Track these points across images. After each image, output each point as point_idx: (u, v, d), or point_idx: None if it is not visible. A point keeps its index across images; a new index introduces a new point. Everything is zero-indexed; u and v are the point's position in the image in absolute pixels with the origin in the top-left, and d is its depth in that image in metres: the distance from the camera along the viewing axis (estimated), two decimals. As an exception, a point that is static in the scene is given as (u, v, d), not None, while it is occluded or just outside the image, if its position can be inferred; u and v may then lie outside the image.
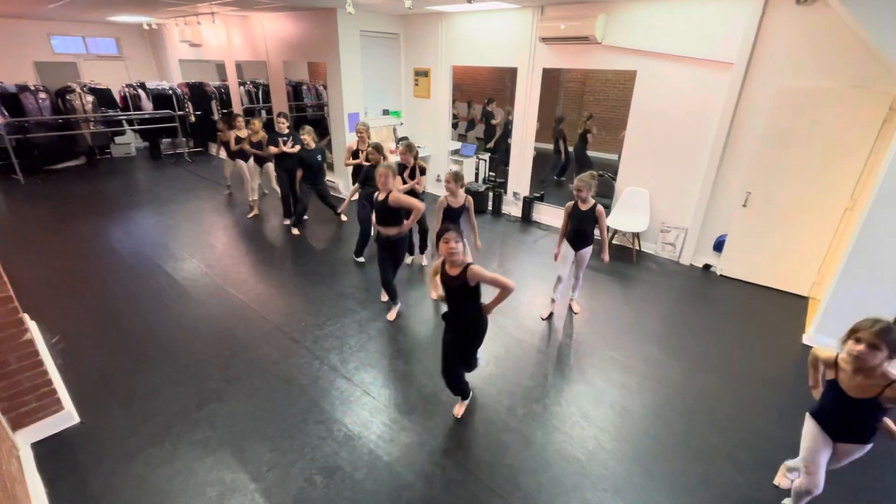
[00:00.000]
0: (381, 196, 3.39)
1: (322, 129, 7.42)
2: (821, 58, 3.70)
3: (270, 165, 5.89)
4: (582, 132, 6.68)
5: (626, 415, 2.80)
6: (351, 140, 5.83)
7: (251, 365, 3.17)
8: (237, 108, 9.14)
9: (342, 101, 6.31)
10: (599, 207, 3.42)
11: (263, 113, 9.29)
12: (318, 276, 4.48)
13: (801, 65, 3.80)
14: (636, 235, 4.97)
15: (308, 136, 5.12)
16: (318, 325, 3.62)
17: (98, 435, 2.57)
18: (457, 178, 3.45)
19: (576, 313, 3.88)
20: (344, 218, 5.92)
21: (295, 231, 5.53)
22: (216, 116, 9.82)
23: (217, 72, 10.08)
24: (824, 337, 3.45)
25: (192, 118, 9.60)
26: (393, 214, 3.43)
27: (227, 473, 2.35)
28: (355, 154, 5.00)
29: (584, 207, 3.43)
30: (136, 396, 2.86)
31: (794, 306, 4.04)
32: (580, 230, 3.47)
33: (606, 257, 3.64)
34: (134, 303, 3.91)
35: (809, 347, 3.48)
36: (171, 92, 9.31)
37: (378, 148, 4.41)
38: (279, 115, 5.40)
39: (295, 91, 8.86)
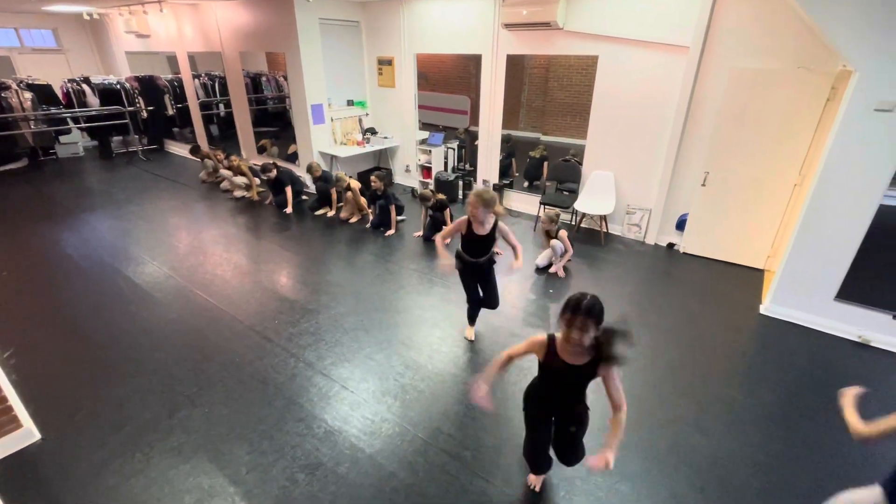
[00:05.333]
0: None
1: (284, 122, 7.18)
2: (769, 40, 3.87)
3: None
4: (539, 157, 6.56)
5: (599, 391, 2.88)
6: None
7: (224, 367, 3.09)
8: (192, 101, 8.73)
9: (304, 93, 6.13)
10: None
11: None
12: (288, 273, 4.40)
13: (752, 47, 3.96)
14: (603, 218, 5.10)
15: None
16: (292, 323, 3.56)
17: (63, 450, 2.45)
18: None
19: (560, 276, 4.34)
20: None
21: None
22: (170, 112, 9.38)
23: (169, 64, 9.58)
24: (779, 307, 3.67)
25: (144, 114, 9.13)
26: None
27: (205, 479, 2.30)
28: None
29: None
30: (102, 408, 2.74)
31: (752, 279, 4.27)
32: None
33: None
34: (93, 310, 3.72)
35: (766, 317, 3.70)
36: (118, 86, 8.80)
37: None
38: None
39: (254, 83, 8.54)
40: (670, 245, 4.93)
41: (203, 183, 7.19)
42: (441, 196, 5.04)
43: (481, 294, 3.19)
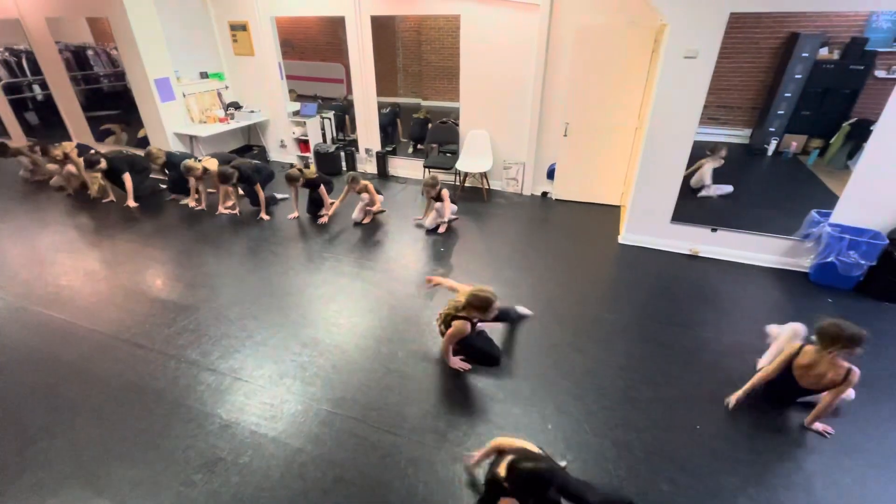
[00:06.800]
0: None
1: (128, 103, 6.13)
2: (603, -2, 4.29)
3: None
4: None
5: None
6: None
7: (87, 385, 2.70)
8: (-8, 84, 7.03)
9: (142, 65, 5.31)
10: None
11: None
12: (155, 272, 3.92)
13: (590, 4, 4.35)
14: (484, 175, 5.36)
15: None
16: (167, 324, 3.21)
17: None
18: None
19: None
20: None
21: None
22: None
23: (-54, 37, 7.51)
24: (632, 234, 4.26)
25: (-78, 103, 7.16)
26: None
27: (80, 507, 2.04)
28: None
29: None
30: (-79, 463, 2.24)
31: (611, 215, 4.88)
32: None
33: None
34: None
35: (624, 245, 4.28)
36: None
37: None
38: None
39: (77, 58, 7.11)
40: (544, 194, 5.38)
41: (28, 182, 5.95)
42: (311, 174, 4.68)
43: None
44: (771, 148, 6.41)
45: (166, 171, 5.27)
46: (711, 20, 3.29)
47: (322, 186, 4.69)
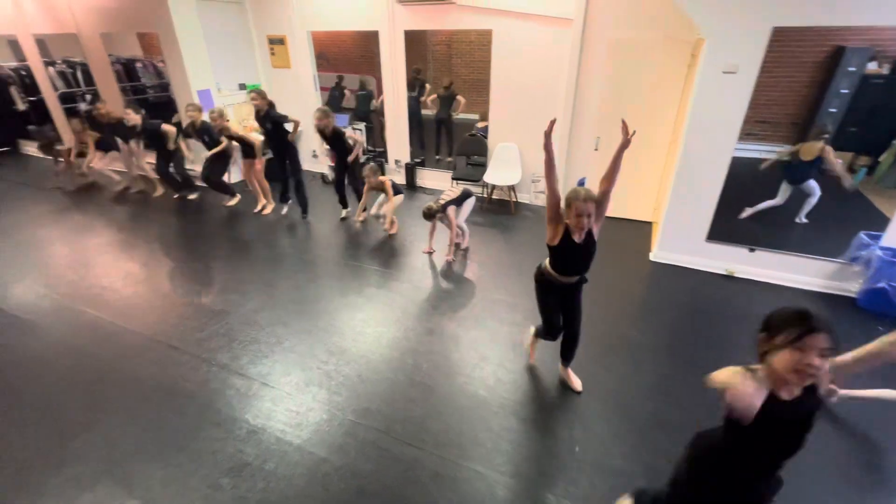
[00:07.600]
0: None
1: (171, 111, 6.44)
2: (638, 11, 4.23)
3: None
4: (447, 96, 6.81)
5: (517, 347, 3.10)
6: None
7: (123, 385, 2.80)
8: (48, 93, 7.51)
9: (187, 78, 5.57)
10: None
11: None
12: (190, 276, 4.06)
13: (625, 18, 4.31)
14: (512, 188, 5.33)
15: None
16: (199, 327, 3.31)
17: (-78, 509, 2.09)
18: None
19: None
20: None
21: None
22: (21, 107, 8.03)
23: (12, 50, 8.10)
24: (664, 252, 4.14)
25: (-13, 111, 7.72)
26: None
27: (113, 504, 2.11)
28: None
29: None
30: (-29, 452, 2.37)
31: (642, 231, 4.76)
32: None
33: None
34: (-56, 346, 3.16)
35: (655, 263, 4.16)
36: (-55, 79, 7.31)
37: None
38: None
39: (127, 70, 7.54)
40: (573, 208, 5.30)
41: (65, 188, 6.30)
42: (334, 125, 4.83)
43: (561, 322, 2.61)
44: (814, 165, 6.15)
45: (204, 139, 5.31)
46: (753, 35, 3.20)
47: (344, 135, 4.84)
